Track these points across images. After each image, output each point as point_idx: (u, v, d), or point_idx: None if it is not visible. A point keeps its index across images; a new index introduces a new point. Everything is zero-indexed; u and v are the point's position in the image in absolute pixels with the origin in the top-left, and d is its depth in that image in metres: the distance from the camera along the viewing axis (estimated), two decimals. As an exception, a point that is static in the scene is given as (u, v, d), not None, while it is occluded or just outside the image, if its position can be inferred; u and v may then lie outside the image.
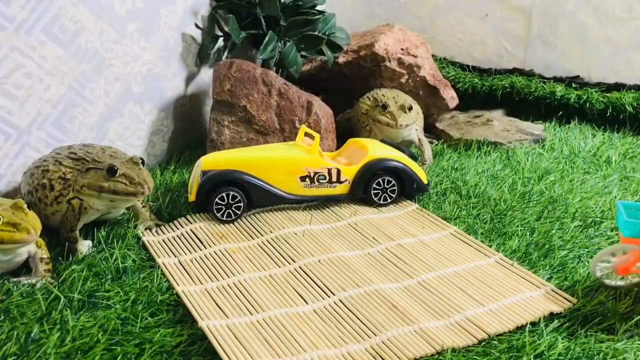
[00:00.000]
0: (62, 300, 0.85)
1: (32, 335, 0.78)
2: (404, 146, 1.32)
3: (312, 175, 1.18)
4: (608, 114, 1.68)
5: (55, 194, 1.00)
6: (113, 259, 0.97)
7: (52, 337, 0.77)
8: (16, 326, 0.79)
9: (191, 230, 1.10)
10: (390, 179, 1.20)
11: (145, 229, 1.10)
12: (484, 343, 0.80)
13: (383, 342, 0.79)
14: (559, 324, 0.82)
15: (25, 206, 0.89)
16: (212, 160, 1.16)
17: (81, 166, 1.01)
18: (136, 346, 0.78)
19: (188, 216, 1.15)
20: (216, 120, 1.36)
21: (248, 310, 0.86)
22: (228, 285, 0.93)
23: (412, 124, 1.43)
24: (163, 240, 1.07)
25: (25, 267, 0.94)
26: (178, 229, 1.11)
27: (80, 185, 0.99)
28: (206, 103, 1.56)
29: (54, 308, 0.84)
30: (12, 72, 1.11)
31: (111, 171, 0.97)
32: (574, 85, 1.77)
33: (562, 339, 0.78)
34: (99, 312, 0.83)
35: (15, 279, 0.91)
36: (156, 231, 1.10)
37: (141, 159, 1.01)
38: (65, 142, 1.22)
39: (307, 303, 0.89)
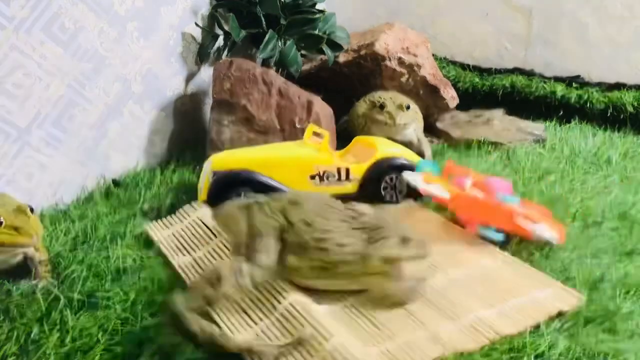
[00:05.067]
0: (62, 300, 0.85)
1: (32, 335, 0.78)
2: (403, 146, 1.32)
3: (321, 173, 1.17)
4: (608, 113, 1.68)
5: None
6: (113, 259, 0.97)
7: (52, 337, 0.77)
8: (16, 326, 0.79)
9: (198, 218, 1.09)
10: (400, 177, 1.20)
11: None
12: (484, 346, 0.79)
13: (399, 347, 0.79)
14: (560, 324, 0.82)
15: (27, 210, 0.89)
16: (223, 160, 1.16)
17: None
18: (136, 346, 0.77)
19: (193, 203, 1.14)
20: (216, 120, 1.36)
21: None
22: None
23: (410, 123, 1.43)
24: (173, 234, 1.06)
25: (24, 269, 0.94)
26: (186, 218, 1.10)
27: None
28: (206, 102, 1.56)
29: (54, 308, 0.83)
30: (12, 71, 1.11)
31: None
32: (574, 84, 1.77)
33: (563, 339, 0.78)
34: (99, 312, 0.83)
35: (15, 283, 0.90)
36: (164, 223, 1.10)
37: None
38: (65, 141, 1.21)
39: (320, 305, 0.87)
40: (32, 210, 0.90)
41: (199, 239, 1.05)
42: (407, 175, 1.13)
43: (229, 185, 1.13)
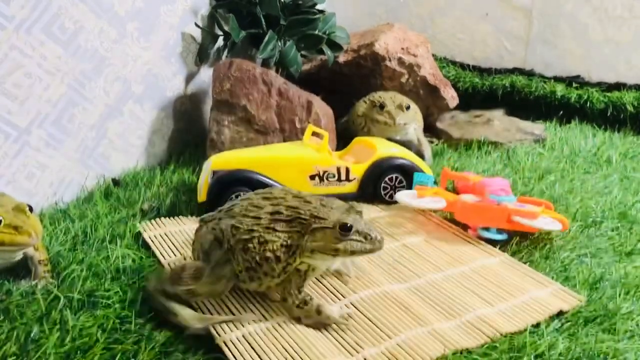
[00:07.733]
0: (61, 300, 0.85)
1: (32, 335, 0.77)
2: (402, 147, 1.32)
3: (321, 173, 1.18)
4: (608, 113, 1.68)
5: None
6: (113, 258, 0.97)
7: (52, 337, 0.77)
8: (16, 326, 0.79)
9: (192, 230, 1.10)
10: (399, 177, 1.20)
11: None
12: (485, 343, 0.79)
13: (398, 345, 0.78)
14: (560, 324, 0.82)
15: (26, 209, 0.88)
16: (223, 160, 1.16)
17: None
18: (135, 344, 0.77)
19: (189, 216, 1.15)
20: (216, 120, 1.36)
21: (263, 315, 0.85)
22: (239, 290, 0.92)
23: (410, 123, 1.43)
24: (165, 234, 1.07)
25: (24, 269, 0.94)
26: (179, 225, 1.11)
27: None
28: (206, 102, 1.56)
29: (54, 308, 0.83)
30: (12, 71, 1.11)
31: None
32: (574, 84, 1.77)
33: (563, 339, 0.78)
34: (98, 312, 0.83)
35: (15, 283, 0.90)
36: (157, 223, 1.10)
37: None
38: (65, 141, 1.21)
39: None
40: (31, 209, 0.89)
41: (188, 242, 1.05)
42: (399, 197, 1.14)
43: (229, 185, 1.13)
